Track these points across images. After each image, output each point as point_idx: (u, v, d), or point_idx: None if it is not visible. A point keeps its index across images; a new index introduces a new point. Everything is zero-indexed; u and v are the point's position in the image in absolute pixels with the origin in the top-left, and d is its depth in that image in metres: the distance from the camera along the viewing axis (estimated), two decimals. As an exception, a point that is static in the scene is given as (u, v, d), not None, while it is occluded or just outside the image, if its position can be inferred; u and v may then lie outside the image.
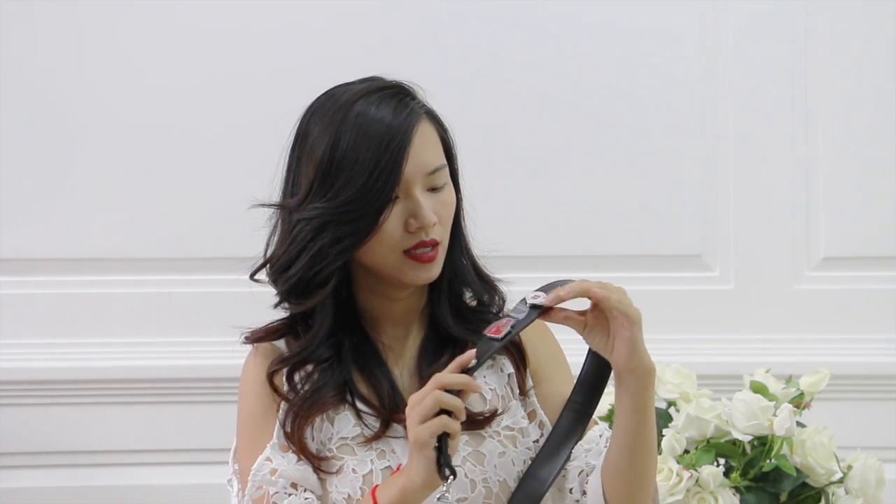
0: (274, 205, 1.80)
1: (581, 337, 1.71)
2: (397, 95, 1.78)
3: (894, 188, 3.10)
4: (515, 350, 1.83)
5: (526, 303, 1.66)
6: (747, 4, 3.10)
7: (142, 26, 3.06)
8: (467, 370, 1.62)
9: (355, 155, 1.72)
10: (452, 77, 3.00)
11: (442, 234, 1.76)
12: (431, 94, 1.84)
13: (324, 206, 1.72)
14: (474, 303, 1.85)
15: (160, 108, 3.06)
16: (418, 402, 1.61)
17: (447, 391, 1.61)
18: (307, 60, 3.02)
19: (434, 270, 1.76)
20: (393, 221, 1.73)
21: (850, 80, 3.11)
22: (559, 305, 1.67)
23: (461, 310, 1.83)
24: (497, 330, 1.64)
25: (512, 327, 1.64)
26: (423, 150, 1.75)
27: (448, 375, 1.62)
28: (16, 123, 3.05)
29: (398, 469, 1.74)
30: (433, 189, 1.76)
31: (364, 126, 1.73)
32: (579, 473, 1.78)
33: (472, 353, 1.64)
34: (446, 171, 1.78)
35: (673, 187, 3.11)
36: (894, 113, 3.10)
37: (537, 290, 1.67)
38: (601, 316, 1.68)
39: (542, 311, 1.66)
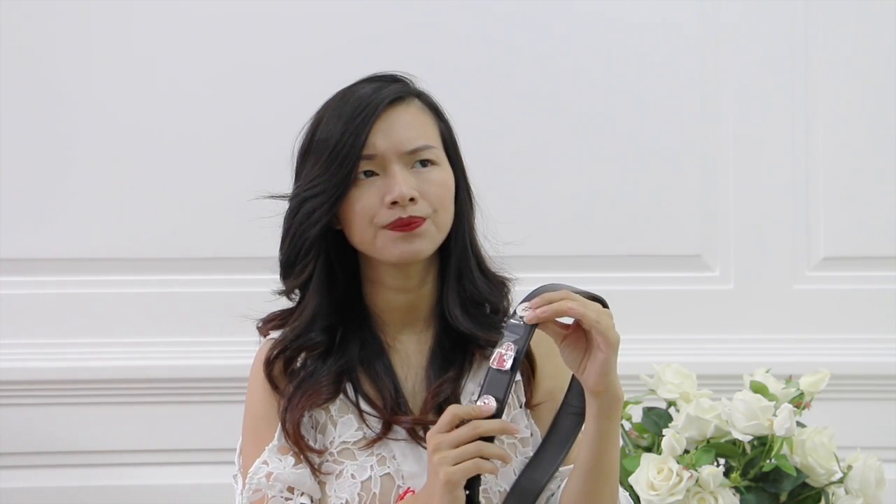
0: (276, 196, 1.83)
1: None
2: (386, 80, 1.81)
3: (894, 188, 3.10)
4: (525, 358, 1.81)
5: (520, 317, 1.64)
6: (747, 4, 3.10)
7: (142, 27, 3.06)
8: (496, 414, 1.61)
9: (327, 134, 1.76)
10: (450, 73, 3.00)
11: (429, 213, 1.76)
12: (430, 90, 1.85)
13: (300, 186, 1.78)
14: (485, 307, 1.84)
15: (160, 108, 3.06)
16: (450, 444, 1.59)
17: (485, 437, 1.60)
18: (308, 60, 3.02)
19: (418, 244, 1.76)
20: (370, 197, 1.75)
21: (850, 79, 3.11)
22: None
23: (470, 307, 1.82)
24: (501, 360, 1.62)
25: (516, 353, 1.62)
26: (403, 129, 1.77)
27: (486, 424, 1.60)
28: (16, 123, 3.05)
29: (407, 492, 1.74)
30: (419, 169, 1.77)
31: (341, 106, 1.78)
32: (550, 496, 1.78)
33: (489, 407, 1.61)
34: (435, 152, 1.78)
35: (673, 187, 3.11)
36: (894, 113, 3.10)
37: (526, 302, 1.65)
38: (581, 334, 1.67)
39: (536, 324, 1.64)
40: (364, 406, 1.77)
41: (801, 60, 3.10)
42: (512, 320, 1.64)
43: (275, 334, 1.82)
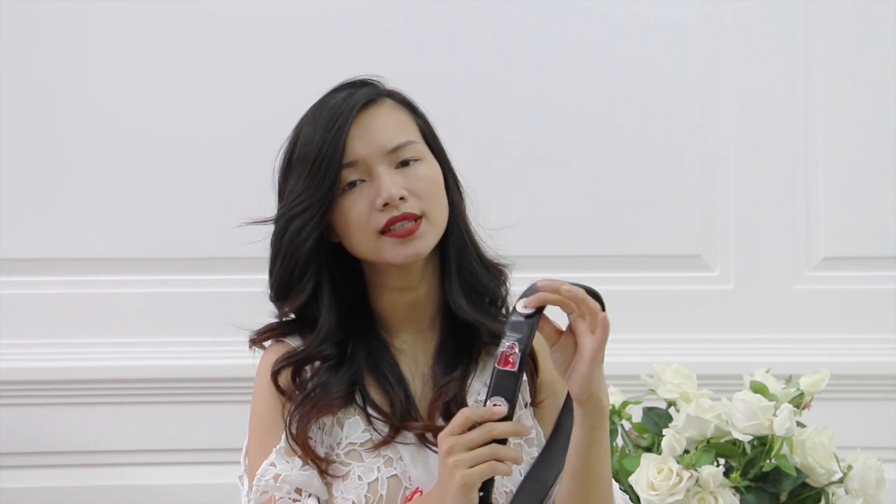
0: (257, 221, 1.83)
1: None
2: (355, 85, 1.81)
3: (894, 188, 3.10)
4: (529, 358, 1.81)
5: (520, 314, 1.63)
6: (747, 4, 3.10)
7: (143, 28, 3.06)
8: (507, 416, 1.61)
9: (306, 149, 1.76)
10: (450, 75, 3.00)
11: (423, 208, 1.75)
12: (429, 92, 1.86)
13: (285, 204, 1.77)
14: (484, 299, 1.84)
15: (160, 108, 3.06)
16: (464, 446, 1.59)
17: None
18: (306, 63, 3.02)
19: (418, 245, 1.75)
20: (360, 203, 1.75)
21: (850, 79, 3.11)
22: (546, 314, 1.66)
23: (473, 296, 1.81)
24: (506, 359, 1.62)
25: (521, 352, 1.62)
26: (380, 130, 1.76)
27: (499, 427, 1.60)
28: (16, 124, 3.05)
29: (416, 492, 1.74)
30: (404, 167, 1.76)
31: (315, 119, 1.77)
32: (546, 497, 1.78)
33: (501, 410, 1.61)
34: (417, 147, 1.78)
35: (673, 187, 3.11)
36: (894, 113, 3.10)
37: (524, 298, 1.65)
38: (571, 340, 1.67)
39: (537, 319, 1.64)
40: (372, 412, 1.77)
41: (801, 60, 3.10)
42: (512, 318, 1.64)
43: (286, 344, 1.81)
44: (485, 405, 1.62)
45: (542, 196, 3.08)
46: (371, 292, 1.82)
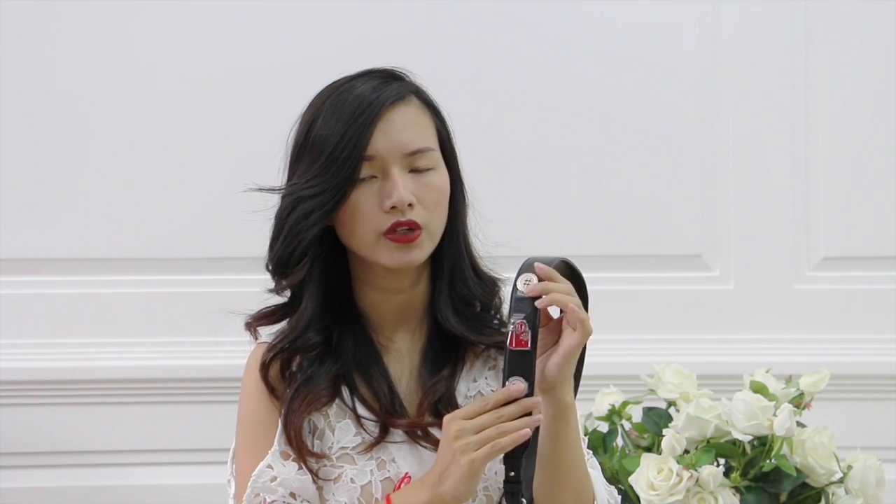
0: (264, 189, 1.80)
1: None
2: (383, 76, 1.79)
3: (894, 188, 3.10)
4: None
5: (523, 293, 1.64)
6: (747, 4, 3.11)
7: (144, 27, 3.06)
8: (528, 395, 1.61)
9: (326, 131, 1.74)
10: (451, 75, 3.00)
11: (426, 219, 1.74)
12: (431, 91, 1.84)
13: (296, 183, 1.75)
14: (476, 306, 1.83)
15: (161, 108, 3.06)
16: (472, 430, 1.61)
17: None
18: (308, 60, 3.02)
19: (415, 254, 1.74)
20: (368, 200, 1.73)
21: (850, 80, 3.11)
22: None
23: (461, 307, 1.81)
24: (517, 339, 1.62)
25: (531, 329, 1.62)
26: (403, 130, 1.75)
27: (508, 409, 1.61)
28: (17, 123, 3.05)
29: (405, 479, 1.74)
30: (416, 172, 1.75)
31: (340, 103, 1.75)
32: None
33: (519, 388, 1.62)
34: (433, 155, 1.76)
35: (673, 187, 3.11)
36: (894, 113, 3.10)
37: (525, 274, 1.66)
38: (555, 331, 1.69)
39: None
40: (361, 410, 1.76)
41: (801, 61, 3.11)
42: (516, 294, 1.64)
43: (264, 336, 1.81)
44: (503, 387, 1.62)
45: (542, 196, 3.08)
46: (356, 286, 1.81)
